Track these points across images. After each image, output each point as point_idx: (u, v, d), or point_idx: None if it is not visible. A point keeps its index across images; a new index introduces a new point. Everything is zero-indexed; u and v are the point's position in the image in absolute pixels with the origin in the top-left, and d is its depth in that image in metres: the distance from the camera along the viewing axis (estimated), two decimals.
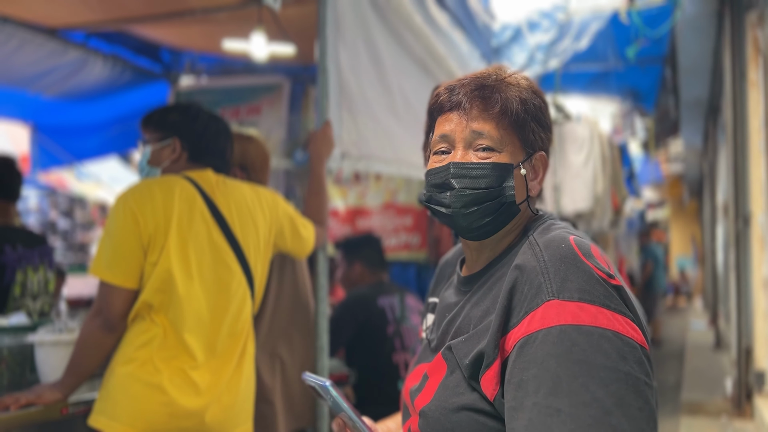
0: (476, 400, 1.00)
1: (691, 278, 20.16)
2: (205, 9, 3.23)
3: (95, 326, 1.84)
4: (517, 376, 0.93)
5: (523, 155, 1.11)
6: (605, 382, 0.89)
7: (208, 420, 1.88)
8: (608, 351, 0.90)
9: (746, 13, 5.22)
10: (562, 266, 0.97)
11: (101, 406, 1.84)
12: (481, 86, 1.10)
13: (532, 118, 1.11)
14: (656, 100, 9.04)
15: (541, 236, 1.05)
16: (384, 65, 2.72)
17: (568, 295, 0.94)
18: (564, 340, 0.91)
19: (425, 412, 1.07)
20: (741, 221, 5.47)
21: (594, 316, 0.92)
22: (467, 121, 1.09)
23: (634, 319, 0.96)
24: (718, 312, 9.95)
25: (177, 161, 2.05)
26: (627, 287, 1.00)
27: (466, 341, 1.04)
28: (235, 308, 1.98)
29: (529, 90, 1.13)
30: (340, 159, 2.43)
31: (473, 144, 1.09)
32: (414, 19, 3.02)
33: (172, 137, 2.04)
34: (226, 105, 4.78)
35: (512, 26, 5.38)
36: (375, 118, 2.63)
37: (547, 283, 0.96)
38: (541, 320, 0.93)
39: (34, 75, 3.73)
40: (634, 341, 0.93)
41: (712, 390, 6.00)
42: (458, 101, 1.11)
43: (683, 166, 14.11)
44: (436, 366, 1.10)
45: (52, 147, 4.85)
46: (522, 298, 0.98)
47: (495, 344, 0.98)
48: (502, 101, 1.09)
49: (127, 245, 1.84)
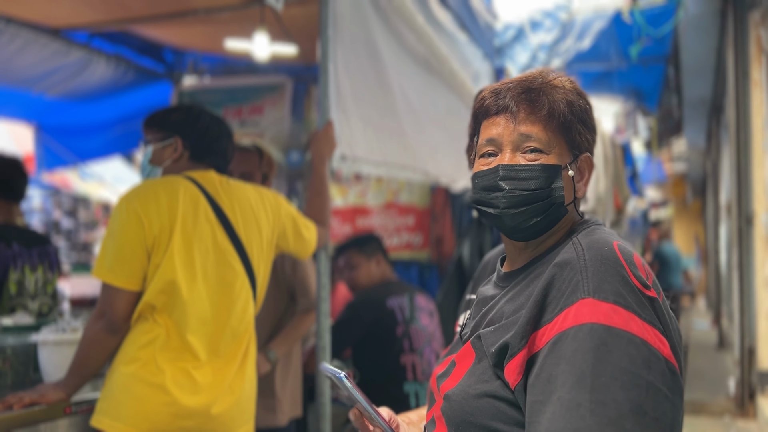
0: (499, 387, 1.02)
1: (694, 278, 20.12)
2: (207, 9, 3.24)
3: (98, 328, 1.84)
4: (547, 371, 0.95)
5: (570, 157, 1.13)
6: (626, 386, 0.90)
7: (211, 420, 1.88)
8: (634, 356, 0.92)
9: (749, 12, 5.21)
10: (601, 267, 0.99)
11: (104, 406, 1.83)
12: (528, 89, 1.12)
13: (578, 120, 1.13)
14: (659, 99, 9.02)
15: (585, 237, 1.07)
16: (384, 65, 2.72)
17: (604, 296, 0.96)
18: (593, 338, 0.93)
19: (449, 395, 1.09)
20: (744, 220, 5.46)
21: (626, 320, 0.94)
22: (515, 125, 1.11)
23: (664, 333, 0.97)
24: (721, 312, 9.93)
25: (178, 161, 2.05)
26: (661, 299, 1.01)
27: (495, 331, 1.07)
28: (239, 309, 1.98)
29: (574, 92, 1.14)
30: (340, 160, 2.44)
31: (521, 147, 1.10)
32: (416, 19, 3.03)
33: (174, 137, 2.04)
34: (229, 105, 4.79)
35: (515, 26, 5.39)
36: (366, 119, 2.63)
37: (584, 282, 0.98)
38: (575, 317, 0.95)
39: (37, 75, 3.74)
40: (660, 353, 0.94)
41: (715, 390, 6.00)
42: (505, 105, 1.12)
43: (686, 166, 14.08)
44: (465, 354, 1.13)
45: (56, 147, 4.87)
46: (559, 294, 0.99)
47: (522, 335, 1.00)
48: (549, 104, 1.10)
49: (131, 247, 1.84)
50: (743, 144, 5.45)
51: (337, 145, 2.44)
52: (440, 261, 4.60)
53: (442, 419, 1.10)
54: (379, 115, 2.64)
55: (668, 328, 0.98)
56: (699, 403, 5.62)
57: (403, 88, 2.87)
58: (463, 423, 1.05)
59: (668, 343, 0.96)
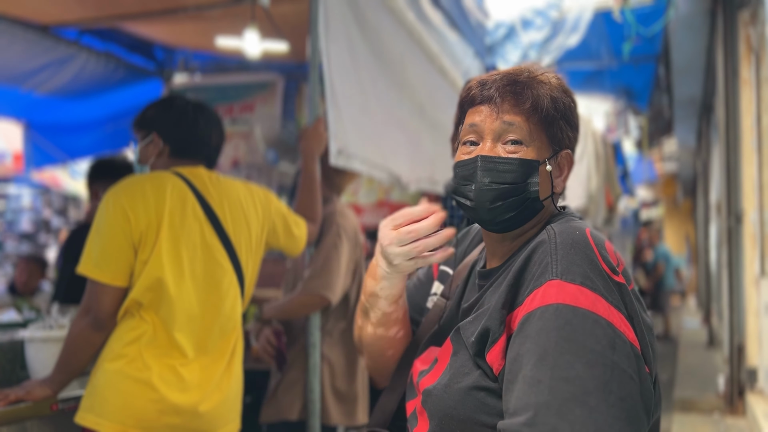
0: (479, 378, 1.03)
1: (685, 277, 20.22)
2: (198, 6, 3.23)
3: (84, 324, 1.82)
4: (514, 351, 0.96)
5: (550, 152, 1.14)
6: (591, 364, 0.90)
7: (198, 417, 1.87)
8: (599, 336, 0.92)
9: (739, 12, 5.24)
10: (571, 251, 1.00)
11: (89, 403, 1.81)
12: (514, 82, 1.13)
13: (561, 117, 1.14)
14: (650, 98, 9.07)
15: (558, 225, 1.08)
16: (359, 63, 2.71)
17: (571, 277, 0.97)
18: (558, 317, 0.94)
19: (429, 390, 1.09)
20: (733, 219, 5.49)
21: (592, 301, 0.95)
22: (498, 114, 1.12)
23: (630, 319, 0.97)
24: (711, 310, 9.99)
25: (161, 156, 2.03)
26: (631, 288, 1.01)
27: (473, 321, 1.08)
28: (227, 307, 1.97)
29: (560, 89, 1.16)
30: (336, 155, 2.43)
31: (502, 137, 1.11)
32: (407, 16, 3.02)
33: (152, 132, 2.03)
34: (220, 102, 4.78)
35: (506, 24, 5.40)
36: (351, 116, 2.63)
37: (553, 264, 0.99)
38: (542, 298, 0.97)
39: (26, 72, 3.72)
40: (626, 337, 0.94)
41: (705, 387, 6.03)
42: (490, 95, 1.13)
43: (677, 165, 14.15)
44: (446, 349, 1.13)
45: (45, 145, 4.84)
46: (530, 276, 1.01)
47: (501, 320, 1.01)
48: (533, 97, 1.11)
49: (117, 243, 1.82)
50: (733, 143, 5.48)
51: (327, 141, 2.43)
52: None
53: (424, 413, 1.10)
54: (359, 113, 2.63)
55: (635, 316, 0.99)
56: (689, 400, 5.65)
57: (375, 86, 2.86)
58: (446, 417, 1.05)
59: (634, 330, 0.97)
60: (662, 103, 9.25)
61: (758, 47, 4.81)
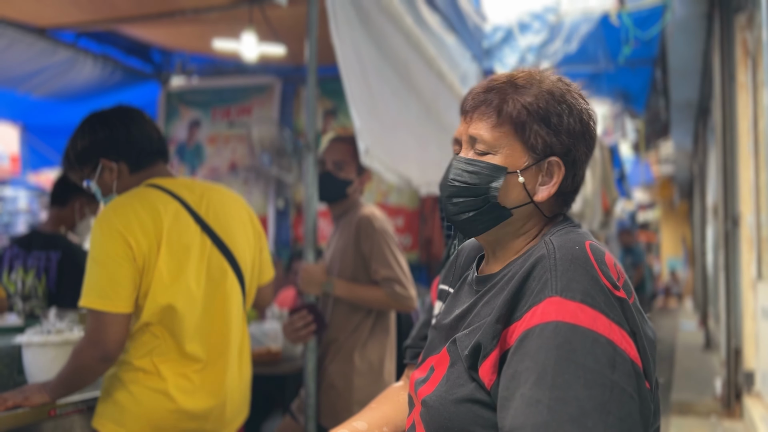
0: (474, 390, 1.02)
1: (681, 279, 20.25)
2: (195, 9, 3.23)
3: (92, 358, 1.76)
4: (512, 368, 0.95)
5: (528, 159, 1.09)
6: (590, 384, 0.89)
7: (212, 419, 1.90)
8: (599, 355, 0.91)
9: (735, 16, 5.25)
10: (570, 266, 0.98)
11: (108, 410, 1.82)
12: (487, 90, 1.13)
13: (537, 120, 1.09)
14: (646, 101, 9.09)
15: (557, 238, 1.06)
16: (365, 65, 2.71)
17: (571, 294, 0.95)
18: (557, 335, 0.92)
19: (426, 401, 1.09)
20: (730, 222, 5.50)
21: (593, 319, 0.93)
22: (468, 127, 1.14)
23: (632, 335, 0.96)
24: (708, 313, 10.00)
25: (121, 177, 1.94)
26: (632, 301, 1.00)
27: (470, 333, 1.07)
28: (232, 308, 1.98)
29: (544, 92, 1.10)
30: (364, 154, 2.44)
31: (473, 146, 1.13)
32: (404, 20, 3.03)
33: (99, 160, 1.93)
34: (217, 105, 4.78)
35: (503, 27, 5.40)
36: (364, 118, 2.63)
37: (553, 281, 0.97)
38: (541, 315, 0.95)
39: (23, 75, 3.72)
40: (627, 354, 0.93)
41: (702, 390, 6.03)
42: (465, 108, 1.16)
43: (673, 168, 14.18)
44: (442, 359, 1.13)
45: (42, 148, 4.84)
46: (528, 292, 1.00)
47: (493, 335, 1.00)
48: (498, 107, 1.10)
49: (122, 271, 1.76)
50: (729, 146, 5.49)
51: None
52: (429, 262, 4.60)
53: (421, 425, 1.10)
54: (369, 115, 2.64)
55: (638, 330, 0.97)
56: (686, 403, 5.65)
57: (383, 89, 2.86)
58: (442, 428, 1.04)
59: (636, 346, 0.96)
60: (659, 106, 9.27)
61: (755, 51, 4.83)
